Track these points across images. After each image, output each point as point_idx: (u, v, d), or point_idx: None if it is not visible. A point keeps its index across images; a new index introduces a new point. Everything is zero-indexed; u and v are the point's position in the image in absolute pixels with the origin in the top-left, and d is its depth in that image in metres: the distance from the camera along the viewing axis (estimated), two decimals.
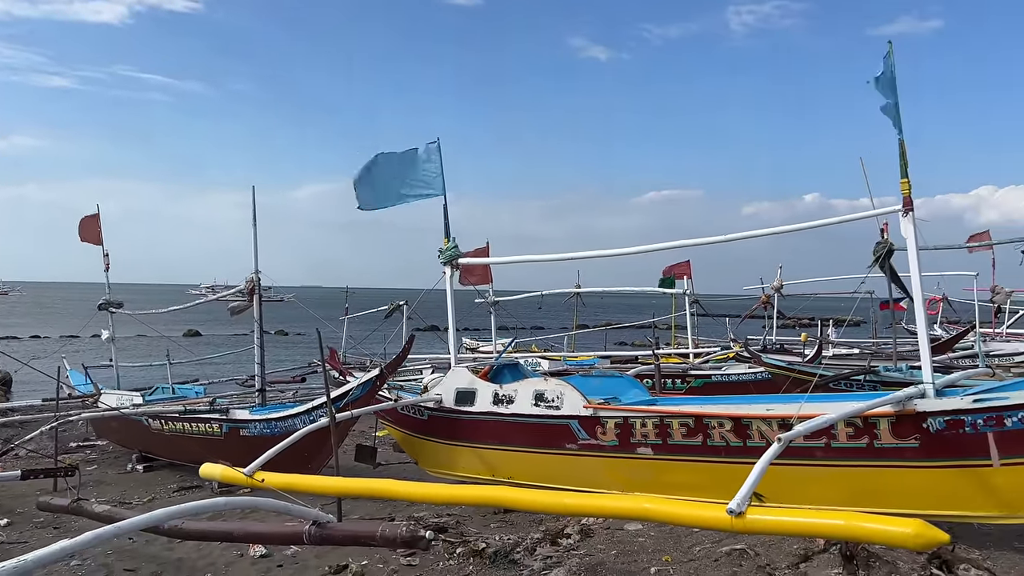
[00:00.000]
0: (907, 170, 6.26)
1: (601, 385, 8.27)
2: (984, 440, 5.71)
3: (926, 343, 6.32)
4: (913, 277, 6.40)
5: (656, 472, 7.13)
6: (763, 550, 5.72)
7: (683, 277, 18.86)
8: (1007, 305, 25.58)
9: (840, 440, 6.24)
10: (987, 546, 5.95)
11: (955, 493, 5.93)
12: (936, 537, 3.84)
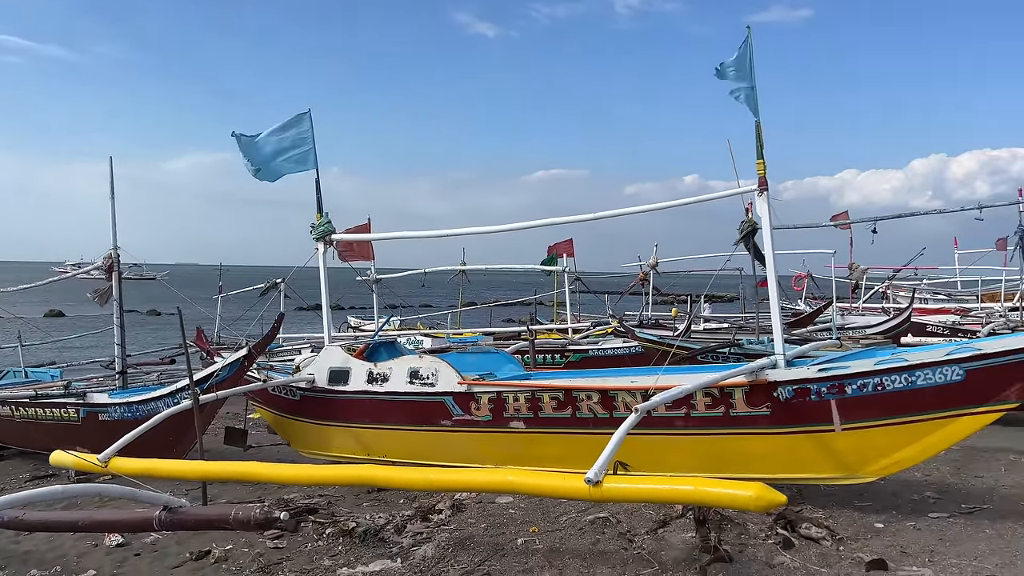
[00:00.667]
0: (762, 152, 6.56)
1: (477, 361, 8.30)
2: (828, 407, 6.09)
3: (778, 317, 6.67)
4: (767, 254, 6.73)
5: (528, 445, 7.25)
6: (625, 517, 5.92)
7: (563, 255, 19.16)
8: (863, 281, 27.40)
9: (699, 410, 6.51)
10: (830, 505, 6.38)
11: (803, 457, 6.30)
12: (775, 499, 4.08)
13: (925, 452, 6.04)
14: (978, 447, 8.58)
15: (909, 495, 6.73)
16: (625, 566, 5.03)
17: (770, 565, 4.98)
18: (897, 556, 5.21)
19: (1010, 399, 5.65)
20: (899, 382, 5.86)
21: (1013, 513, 6.20)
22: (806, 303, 28.61)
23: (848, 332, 14.55)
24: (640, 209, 8.08)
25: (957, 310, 22.12)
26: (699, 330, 16.37)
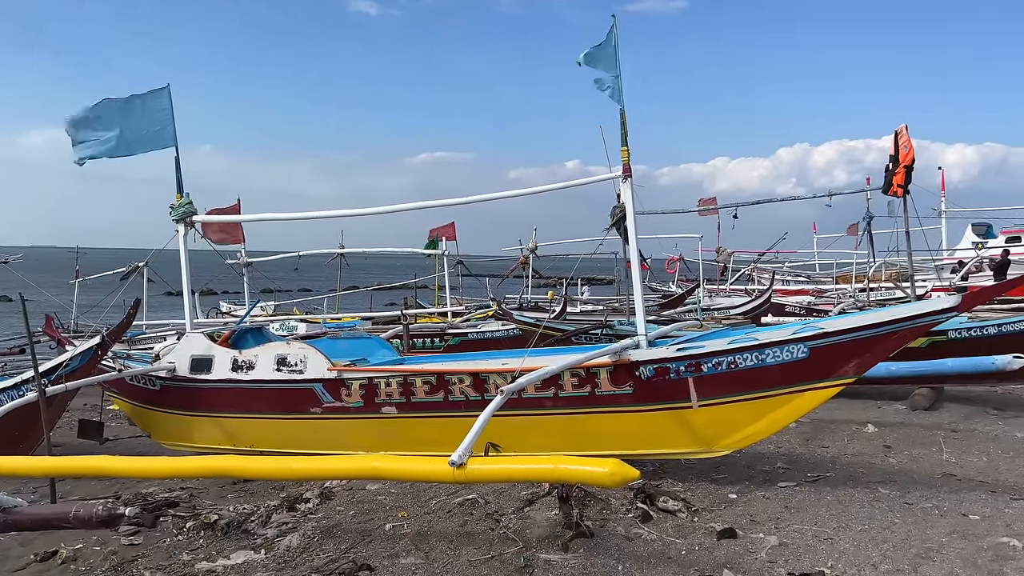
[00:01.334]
0: (627, 139, 6.74)
1: (349, 347, 8.17)
2: (686, 384, 6.37)
3: (641, 299, 6.89)
4: (631, 238, 6.94)
5: (401, 430, 7.22)
6: (493, 498, 6.00)
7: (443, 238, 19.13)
8: (730, 264, 28.84)
9: (567, 390, 6.67)
10: (689, 479, 6.69)
11: (664, 433, 6.57)
12: (628, 474, 4.23)
13: (774, 425, 6.41)
14: (825, 419, 9.21)
15: (761, 466, 7.14)
16: (491, 546, 5.10)
17: (628, 538, 5.17)
18: (747, 524, 5.52)
19: (849, 374, 6.07)
20: (750, 360, 6.19)
21: (851, 480, 6.69)
22: (678, 285, 29.80)
23: (714, 313, 15.27)
24: (517, 193, 8.17)
25: (814, 291, 23.61)
26: (575, 312, 16.77)
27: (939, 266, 27.97)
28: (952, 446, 8.07)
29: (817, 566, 4.74)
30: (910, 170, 9.98)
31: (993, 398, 10.69)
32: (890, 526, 5.48)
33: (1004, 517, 5.69)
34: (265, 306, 19.71)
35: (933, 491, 6.36)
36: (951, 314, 5.91)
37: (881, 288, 20.50)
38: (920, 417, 9.56)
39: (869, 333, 5.93)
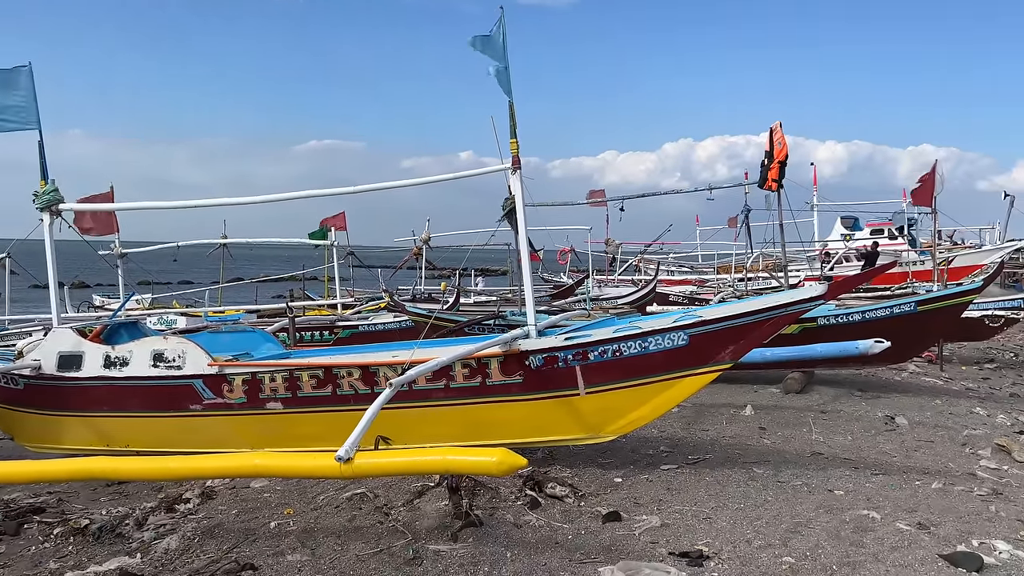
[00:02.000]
0: (516, 131, 6.77)
1: (231, 341, 7.89)
2: (573, 373, 6.50)
3: (530, 289, 6.96)
4: (520, 230, 6.99)
5: (287, 426, 7.04)
6: (383, 491, 5.95)
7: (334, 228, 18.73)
8: (618, 255, 29.60)
9: (458, 381, 6.68)
10: (577, 464, 6.84)
11: (553, 421, 6.68)
12: (516, 463, 4.29)
13: (657, 410, 6.63)
14: (706, 403, 9.61)
15: (646, 450, 7.38)
16: (380, 539, 5.06)
17: (517, 525, 5.24)
18: (631, 507, 5.70)
19: (726, 360, 6.34)
20: (634, 348, 6.38)
21: (729, 461, 7.01)
22: (569, 276, 30.34)
23: (602, 303, 15.63)
24: (409, 183, 8.08)
25: (697, 281, 24.56)
26: (469, 303, 16.79)
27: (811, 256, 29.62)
28: (820, 426, 8.60)
29: (696, 544, 4.95)
30: (784, 165, 10.51)
31: (858, 380, 11.47)
32: (763, 503, 5.78)
33: (865, 491, 6.12)
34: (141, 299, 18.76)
35: (803, 469, 6.75)
36: (819, 302, 6.27)
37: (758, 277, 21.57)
38: (792, 400, 10.13)
39: (744, 320, 6.21)
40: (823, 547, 4.88)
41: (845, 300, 13.56)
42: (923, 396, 10.74)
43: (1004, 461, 7.58)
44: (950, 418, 9.47)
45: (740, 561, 4.68)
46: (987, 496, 6.10)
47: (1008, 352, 16.05)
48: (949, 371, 13.19)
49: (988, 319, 14.03)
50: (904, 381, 11.97)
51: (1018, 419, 9.64)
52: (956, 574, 4.47)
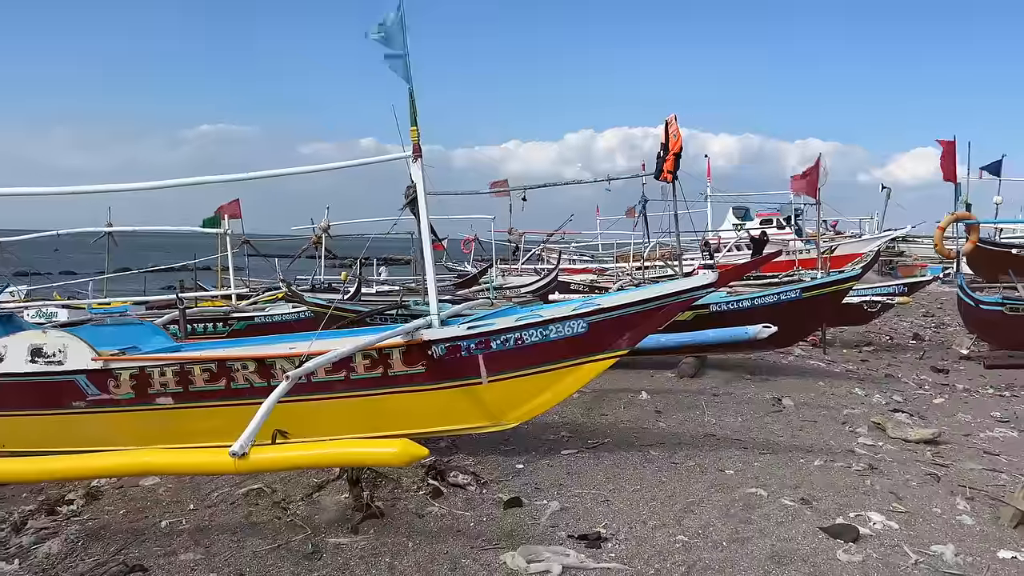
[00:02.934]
0: (416, 119, 6.71)
1: (117, 335, 7.52)
2: (476, 361, 6.52)
3: (432, 279, 6.94)
4: (422, 219, 6.95)
5: (179, 422, 6.77)
6: (281, 486, 5.82)
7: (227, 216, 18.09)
8: (522, 244, 29.87)
9: (359, 372, 6.59)
10: (480, 452, 6.87)
11: (456, 410, 6.68)
12: (417, 453, 4.28)
13: (557, 397, 6.73)
14: (605, 389, 9.83)
15: (547, 436, 7.49)
16: (277, 535, 4.95)
17: (419, 515, 5.24)
18: (532, 492, 5.78)
19: (624, 346, 6.51)
20: (535, 336, 6.46)
21: (626, 444, 7.21)
22: (473, 265, 30.41)
23: (506, 291, 15.75)
24: (307, 169, 7.89)
25: (597, 270, 25.06)
26: (371, 293, 16.59)
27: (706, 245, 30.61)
28: (713, 409, 8.94)
29: (594, 526, 5.07)
30: (678, 157, 10.85)
31: (748, 364, 11.97)
32: (659, 484, 5.98)
33: (753, 470, 6.41)
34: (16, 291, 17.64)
35: (696, 450, 7.01)
36: (710, 289, 6.52)
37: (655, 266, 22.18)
38: (687, 384, 10.50)
39: (640, 308, 6.39)
40: (714, 524, 5.09)
41: (736, 288, 14.15)
42: (807, 378, 11.32)
43: (879, 438, 8.09)
44: (832, 399, 10.03)
45: (636, 541, 4.83)
46: (863, 471, 6.49)
47: (884, 336, 17.10)
48: (831, 354, 13.96)
49: (866, 305, 14.92)
50: (790, 364, 12.58)
51: (892, 398, 10.31)
52: (835, 545, 4.75)
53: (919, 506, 5.61)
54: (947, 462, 7.29)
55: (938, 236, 17.04)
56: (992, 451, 7.98)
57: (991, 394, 11.18)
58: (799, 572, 4.38)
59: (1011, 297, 13.59)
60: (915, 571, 4.43)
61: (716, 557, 4.59)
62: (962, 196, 17.48)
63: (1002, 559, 4.68)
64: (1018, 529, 5.21)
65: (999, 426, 9.19)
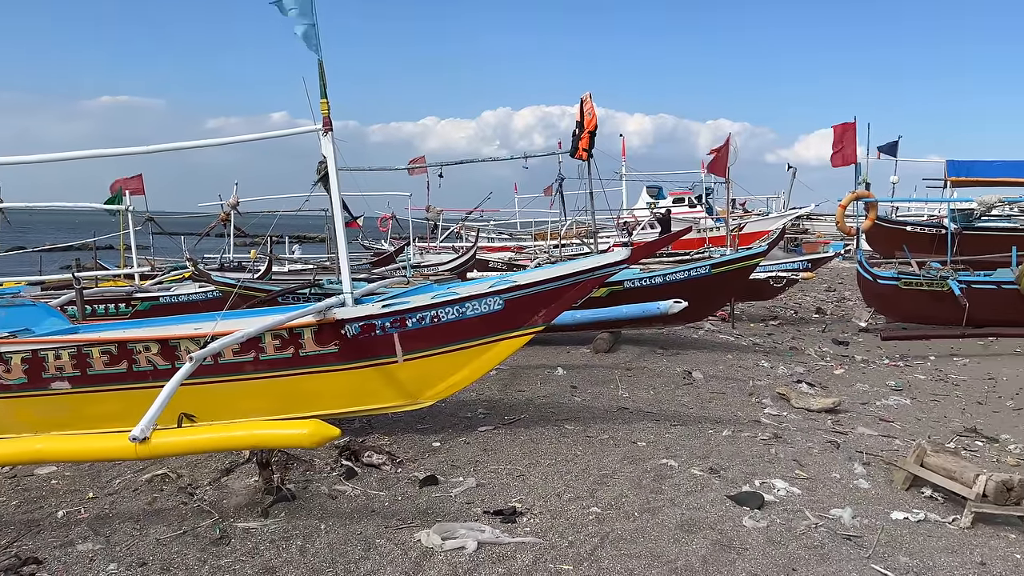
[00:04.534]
0: (326, 91, 6.52)
1: (7, 317, 7.09)
2: (391, 340, 6.44)
3: (345, 256, 6.80)
4: (333, 194, 6.78)
5: (77, 406, 6.46)
6: (187, 471, 5.63)
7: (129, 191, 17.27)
8: (440, 222, 29.66)
9: (269, 352, 6.42)
10: (396, 432, 6.81)
11: (371, 389, 6.59)
12: (329, 433, 4.19)
13: (475, 374, 6.72)
14: (522, 365, 9.89)
15: (464, 413, 7.48)
16: (183, 521, 4.78)
17: (332, 496, 5.15)
18: (448, 470, 5.77)
19: (539, 323, 6.54)
20: (451, 313, 6.42)
21: (542, 419, 7.27)
22: (391, 243, 30.04)
23: (423, 270, 15.62)
24: (211, 142, 7.61)
25: (515, 247, 25.13)
26: (283, 272, 16.18)
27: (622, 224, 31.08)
28: (626, 383, 9.11)
29: (510, 501, 5.09)
30: (593, 135, 10.92)
31: (660, 339, 12.25)
32: (573, 458, 6.05)
33: (664, 442, 6.57)
34: None
35: (610, 424, 7.14)
36: (623, 266, 6.61)
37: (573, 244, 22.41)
38: (602, 359, 10.66)
39: (555, 285, 6.42)
40: (627, 496, 5.19)
41: (649, 264, 14.42)
42: (717, 352, 11.67)
43: (784, 408, 8.41)
44: (739, 371, 10.36)
45: (551, 514, 4.88)
46: (768, 440, 6.74)
47: (789, 310, 17.77)
48: (740, 328, 14.41)
49: (772, 280, 15.46)
50: (701, 339, 12.93)
51: (796, 370, 10.73)
52: (742, 512, 4.91)
53: (820, 472, 5.87)
54: (846, 429, 7.65)
55: (839, 214, 17.77)
56: (887, 418, 8.41)
57: (887, 364, 11.77)
58: (707, 539, 4.51)
59: (905, 272, 14.30)
60: (815, 534, 4.63)
61: (628, 527, 4.69)
62: (862, 175, 18.23)
63: (894, 520, 4.94)
64: (909, 491, 5.51)
65: (893, 394, 9.69)
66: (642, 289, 11.40)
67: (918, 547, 4.53)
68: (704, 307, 11.90)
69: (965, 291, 13.21)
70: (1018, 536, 4.79)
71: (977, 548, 4.56)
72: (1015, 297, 13.31)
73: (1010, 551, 4.56)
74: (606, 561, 4.25)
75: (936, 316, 13.50)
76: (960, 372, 11.27)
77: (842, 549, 4.43)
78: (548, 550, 4.37)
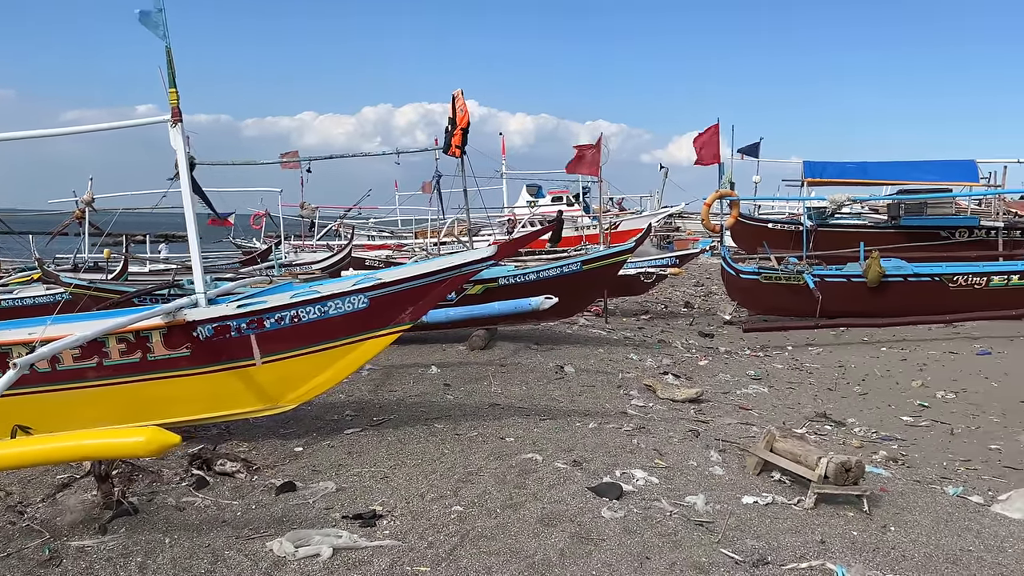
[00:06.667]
0: (174, 80, 6.17)
1: None
2: (248, 342, 6.16)
3: (197, 254, 6.45)
4: (184, 188, 6.43)
5: None
6: (18, 488, 5.18)
7: None
8: (316, 219, 28.89)
9: (114, 357, 6.02)
10: (256, 438, 6.53)
11: (227, 394, 6.29)
12: (168, 441, 3.94)
13: (339, 375, 6.53)
14: (396, 364, 9.75)
15: (330, 416, 7.27)
16: (9, 542, 4.38)
17: (179, 508, 4.86)
18: (308, 475, 5.57)
19: (406, 321, 6.43)
20: (313, 313, 6.21)
21: (413, 419, 7.16)
22: (264, 241, 29.03)
23: (294, 268, 15.14)
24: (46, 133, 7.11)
25: (396, 245, 24.81)
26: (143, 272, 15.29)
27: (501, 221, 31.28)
28: (500, 379, 9.13)
29: (371, 504, 4.96)
30: (466, 132, 10.88)
31: (535, 335, 12.37)
32: (440, 457, 5.98)
33: (532, 436, 6.60)
34: None
35: (480, 420, 7.11)
36: (489, 263, 6.58)
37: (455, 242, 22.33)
38: (477, 356, 10.65)
39: (421, 282, 6.33)
40: (490, 492, 5.16)
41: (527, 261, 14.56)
42: (589, 346, 11.90)
43: (650, 399, 8.66)
44: (610, 364, 10.60)
45: (412, 516, 4.78)
46: (632, 431, 6.89)
47: (660, 304, 18.38)
48: (612, 323, 14.78)
49: (643, 276, 15.92)
50: (575, 333, 13.16)
51: (663, 362, 11.09)
52: (601, 503, 4.98)
53: (678, 461, 6.04)
54: (707, 418, 7.95)
55: (704, 212, 18.53)
56: (746, 406, 8.81)
57: (749, 355, 12.36)
58: (566, 532, 4.54)
59: (765, 267, 15.06)
60: (670, 522, 4.74)
61: (490, 524, 4.66)
62: (726, 175, 19.07)
63: (744, 504, 5.14)
64: (760, 476, 5.76)
65: (753, 383, 10.18)
66: (517, 286, 11.47)
67: (765, 529, 4.72)
68: (577, 302, 12.12)
69: (819, 284, 14.05)
70: (856, 514, 5.09)
71: (819, 527, 4.81)
72: (863, 289, 14.28)
73: (847, 528, 4.83)
74: (465, 560, 4.20)
75: (794, 308, 14.30)
76: (814, 361, 11.98)
77: (694, 535, 4.57)
78: (407, 552, 4.27)
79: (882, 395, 9.72)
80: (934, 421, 8.48)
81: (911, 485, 6.01)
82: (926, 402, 9.27)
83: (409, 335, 11.18)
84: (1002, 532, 5.03)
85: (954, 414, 8.75)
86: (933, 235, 18.40)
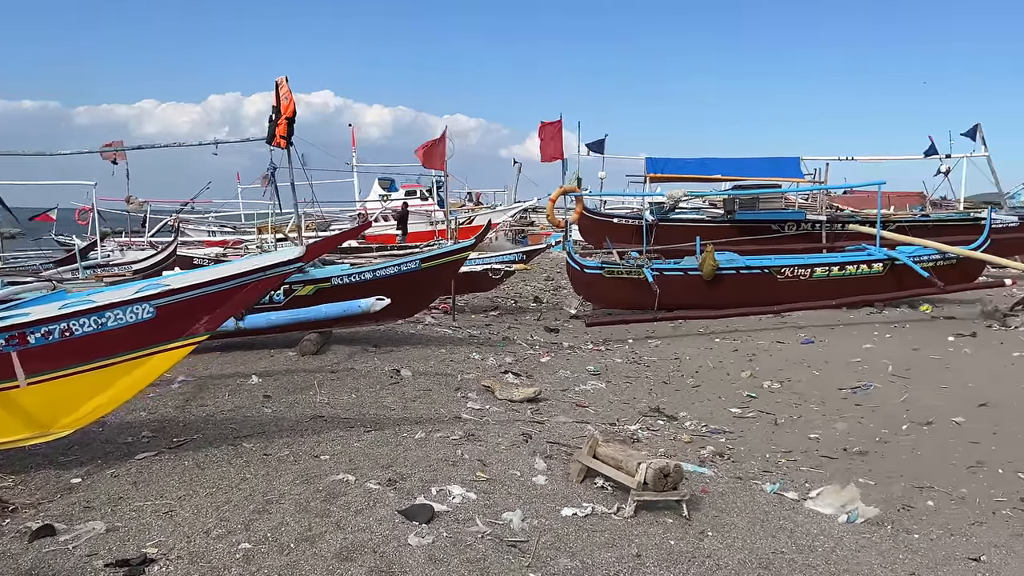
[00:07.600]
0: None
1: None
2: (9, 360, 5.32)
3: None
4: None
5: None
6: None
7: None
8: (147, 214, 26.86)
9: None
10: (28, 468, 5.68)
11: None
12: None
13: (124, 394, 5.78)
14: (213, 375, 8.95)
15: (124, 439, 6.47)
16: None
17: None
18: (79, 513, 4.83)
19: (200, 332, 5.78)
20: (88, 325, 5.45)
21: (219, 438, 6.47)
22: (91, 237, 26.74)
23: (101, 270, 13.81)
24: None
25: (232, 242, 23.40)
26: None
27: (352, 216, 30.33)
28: (328, 387, 8.53)
29: (144, 547, 4.33)
30: (292, 121, 10.15)
31: (374, 336, 11.80)
32: (241, 482, 5.38)
33: (350, 452, 6.10)
34: None
35: (297, 436, 6.54)
36: (298, 264, 6.02)
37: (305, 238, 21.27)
38: (307, 362, 9.97)
39: (218, 288, 5.70)
40: (287, 524, 4.64)
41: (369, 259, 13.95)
42: (431, 347, 11.48)
43: (488, 401, 8.35)
44: (450, 365, 10.22)
45: (190, 558, 4.20)
46: (459, 440, 6.54)
47: (510, 300, 18.24)
48: (460, 320, 14.42)
49: (491, 272, 15.69)
50: (418, 333, 12.71)
51: (505, 360, 10.84)
52: (409, 529, 4.57)
53: (501, 471, 5.74)
54: (543, 418, 7.73)
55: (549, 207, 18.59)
56: (583, 403, 8.68)
57: (591, 349, 12.35)
58: (364, 566, 4.10)
59: (608, 262, 15.21)
60: (480, 545, 4.41)
61: (279, 563, 4.15)
62: (573, 171, 19.23)
63: (564, 517, 4.89)
64: (584, 483, 5.55)
65: (591, 379, 10.10)
66: (352, 286, 10.87)
67: (580, 545, 4.48)
68: (418, 301, 11.68)
69: (657, 278, 14.31)
70: (675, 520, 4.96)
71: (636, 539, 4.62)
72: (699, 282, 14.68)
73: (665, 537, 4.68)
74: None
75: (635, 302, 14.51)
76: (652, 354, 12.12)
77: (504, 559, 4.25)
78: None
79: (714, 387, 9.89)
80: (760, 412, 8.66)
81: (732, 484, 5.98)
82: (754, 392, 9.50)
83: (233, 341, 10.45)
84: (814, 530, 5.05)
85: (779, 404, 8.99)
86: (765, 229, 19.31)
